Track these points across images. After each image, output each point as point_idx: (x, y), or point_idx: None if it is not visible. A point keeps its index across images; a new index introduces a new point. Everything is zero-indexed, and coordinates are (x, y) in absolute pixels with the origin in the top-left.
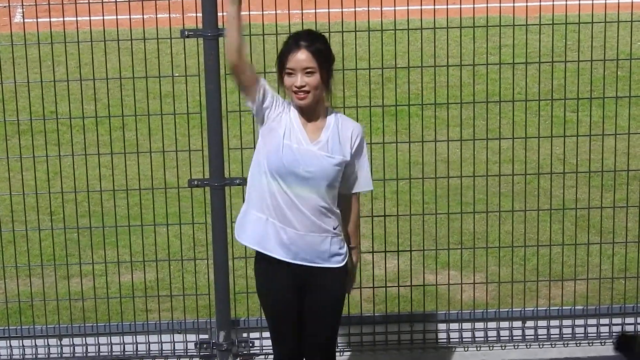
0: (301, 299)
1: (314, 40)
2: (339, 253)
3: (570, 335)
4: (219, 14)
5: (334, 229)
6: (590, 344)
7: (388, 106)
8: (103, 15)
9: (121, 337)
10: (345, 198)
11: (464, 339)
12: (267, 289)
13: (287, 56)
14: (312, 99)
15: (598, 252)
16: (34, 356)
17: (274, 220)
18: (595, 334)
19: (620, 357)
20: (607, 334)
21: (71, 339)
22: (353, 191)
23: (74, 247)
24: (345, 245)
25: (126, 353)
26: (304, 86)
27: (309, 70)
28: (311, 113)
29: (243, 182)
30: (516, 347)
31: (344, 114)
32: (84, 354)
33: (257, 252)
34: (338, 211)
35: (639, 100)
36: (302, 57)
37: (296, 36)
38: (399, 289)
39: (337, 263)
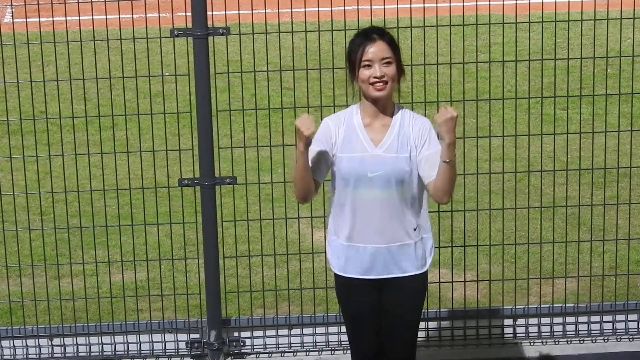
0: (380, 299)
1: (385, 32)
2: (418, 258)
3: (561, 333)
4: (209, 13)
5: (414, 229)
6: (582, 342)
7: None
8: (92, 15)
9: (112, 336)
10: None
11: (455, 337)
12: (345, 305)
13: (362, 50)
14: (389, 90)
15: (589, 249)
16: (25, 356)
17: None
18: (586, 332)
19: (610, 354)
20: (598, 332)
21: (62, 339)
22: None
23: (64, 247)
24: (429, 248)
25: (117, 353)
26: (383, 76)
27: (386, 60)
28: (383, 107)
29: (233, 181)
30: (507, 345)
31: (334, 112)
32: (75, 354)
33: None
34: (422, 211)
35: (629, 97)
36: (378, 47)
37: (365, 31)
38: None
39: (416, 270)
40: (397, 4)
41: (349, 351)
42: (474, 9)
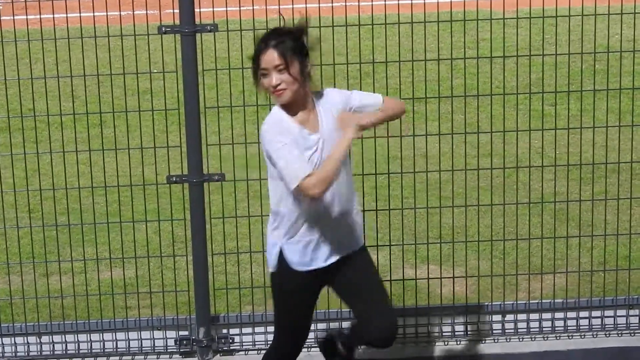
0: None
1: (281, 37)
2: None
3: (550, 329)
4: (196, 10)
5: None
6: (570, 337)
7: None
8: (80, 12)
9: (101, 334)
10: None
11: (443, 333)
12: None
13: (259, 57)
14: (290, 95)
15: (577, 245)
16: (14, 354)
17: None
18: (575, 327)
19: (599, 349)
20: (587, 327)
21: (51, 336)
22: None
23: (53, 245)
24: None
25: (106, 350)
26: (279, 84)
27: (279, 67)
28: (299, 107)
29: (221, 178)
30: (496, 340)
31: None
32: (64, 352)
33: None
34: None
35: (617, 93)
36: (270, 56)
37: (264, 36)
38: None
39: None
40: (385, 0)
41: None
42: (462, 5)
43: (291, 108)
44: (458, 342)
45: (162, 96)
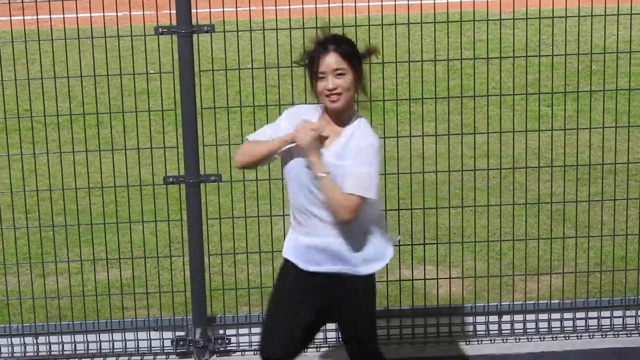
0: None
1: (341, 42)
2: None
3: (546, 329)
4: (193, 10)
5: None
6: (567, 338)
7: (363, 101)
8: (77, 13)
9: (97, 334)
10: None
11: (440, 334)
12: None
13: (316, 61)
14: (344, 102)
15: (574, 246)
16: (10, 355)
17: None
18: (571, 328)
19: (595, 350)
20: (584, 328)
21: (47, 337)
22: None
23: (49, 245)
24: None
25: (102, 351)
26: (335, 88)
27: (339, 72)
28: (338, 117)
29: (218, 178)
30: (493, 341)
31: None
32: (61, 352)
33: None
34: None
35: (614, 94)
36: (331, 59)
37: (322, 40)
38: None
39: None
40: (382, 1)
41: (334, 347)
42: (458, 5)
43: (329, 116)
44: (455, 343)
45: (159, 97)
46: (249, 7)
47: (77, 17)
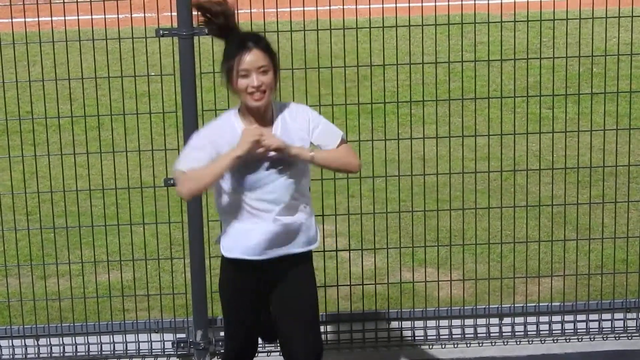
0: None
1: (261, 39)
2: None
3: (547, 332)
4: (194, 13)
5: (305, 206)
6: (568, 340)
7: (364, 104)
8: (78, 15)
9: (98, 336)
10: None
11: (441, 336)
12: None
13: (238, 58)
14: (268, 99)
15: (574, 248)
16: (11, 356)
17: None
18: (572, 330)
19: (596, 353)
20: (584, 330)
21: (48, 339)
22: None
23: (50, 247)
24: None
25: (104, 353)
26: (260, 85)
27: (263, 68)
28: (260, 116)
29: None
30: (493, 343)
31: (320, 112)
32: (62, 354)
33: None
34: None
35: (615, 96)
36: (255, 56)
37: (241, 38)
38: (376, 287)
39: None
40: (383, 3)
41: (334, 349)
42: (459, 8)
43: (252, 115)
44: (455, 345)
45: (160, 99)
46: (250, 9)
47: (78, 19)
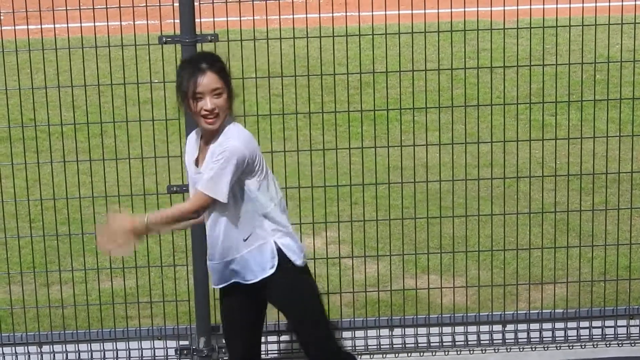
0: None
1: (214, 61)
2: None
3: (550, 339)
4: (197, 20)
5: (244, 240)
6: (571, 347)
7: (367, 111)
8: (81, 23)
9: (101, 344)
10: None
11: (444, 343)
12: None
13: (193, 82)
14: (221, 122)
15: (578, 255)
16: None
17: None
18: (575, 337)
19: (600, 359)
20: (587, 337)
21: (51, 346)
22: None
23: (53, 255)
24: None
25: (106, 359)
26: (214, 109)
27: (217, 91)
28: (214, 134)
29: None
30: (497, 350)
31: (323, 119)
32: None
33: None
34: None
35: (618, 103)
36: (208, 79)
37: (194, 60)
38: (379, 294)
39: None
40: (386, 10)
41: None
42: (462, 15)
43: (204, 134)
44: (459, 352)
45: (163, 106)
46: (253, 16)
47: (81, 26)
